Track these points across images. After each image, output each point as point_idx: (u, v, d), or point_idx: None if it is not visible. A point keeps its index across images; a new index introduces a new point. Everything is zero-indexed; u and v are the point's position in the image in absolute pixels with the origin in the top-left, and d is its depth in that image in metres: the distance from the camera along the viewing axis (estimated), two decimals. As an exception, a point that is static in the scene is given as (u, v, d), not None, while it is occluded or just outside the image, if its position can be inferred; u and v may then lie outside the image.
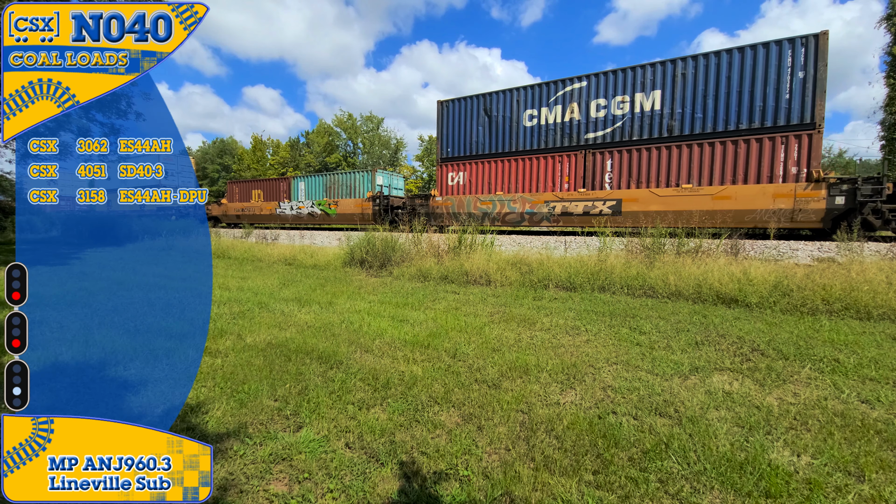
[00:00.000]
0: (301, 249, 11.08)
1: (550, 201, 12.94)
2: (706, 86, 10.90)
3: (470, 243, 8.33)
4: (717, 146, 10.69)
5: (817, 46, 9.71)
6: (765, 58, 10.23)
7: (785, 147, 9.96)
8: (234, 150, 54.24)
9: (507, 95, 13.98)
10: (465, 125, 14.90)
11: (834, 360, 3.28)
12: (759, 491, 1.82)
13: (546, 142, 13.32)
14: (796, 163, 9.86)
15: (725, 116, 10.69)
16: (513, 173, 13.82)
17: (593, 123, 12.49)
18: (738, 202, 10.33)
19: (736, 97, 10.55)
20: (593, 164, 12.38)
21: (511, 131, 13.93)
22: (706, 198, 10.69)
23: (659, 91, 11.52)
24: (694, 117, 11.07)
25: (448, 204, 15.09)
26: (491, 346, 3.72)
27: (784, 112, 10.01)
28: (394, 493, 1.85)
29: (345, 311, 5.01)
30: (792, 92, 9.93)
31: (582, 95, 12.68)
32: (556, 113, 13.11)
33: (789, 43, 9.97)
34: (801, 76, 9.88)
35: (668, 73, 11.38)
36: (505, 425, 2.37)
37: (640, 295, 5.83)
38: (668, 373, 3.10)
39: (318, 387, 2.84)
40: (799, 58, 9.91)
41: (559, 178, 12.99)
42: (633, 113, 11.88)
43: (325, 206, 19.96)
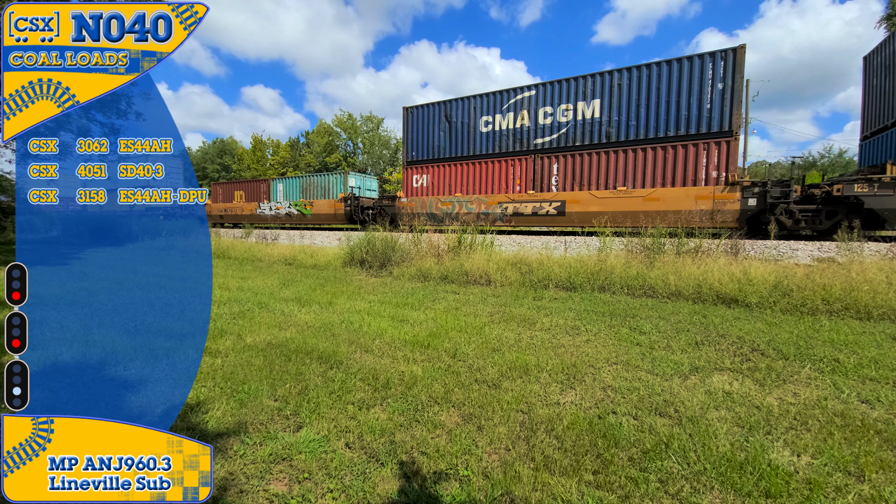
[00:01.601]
0: (301, 249, 11.08)
1: (503, 202, 13.87)
2: (639, 95, 11.82)
3: (470, 243, 8.33)
4: (648, 151, 11.62)
5: (735, 60, 10.53)
6: (689, 70, 11.12)
7: (707, 153, 10.89)
8: (234, 150, 54.25)
9: (466, 102, 14.91)
10: (429, 130, 15.78)
11: (834, 360, 3.28)
12: (759, 491, 1.82)
13: (500, 146, 14.22)
14: (716, 167, 10.79)
15: (656, 124, 11.60)
16: (470, 176, 14.77)
17: (541, 130, 13.43)
18: (666, 203, 11.20)
19: (665, 106, 11.46)
20: (541, 168, 13.37)
21: (469, 136, 14.84)
22: (638, 199, 11.63)
23: (598, 100, 12.45)
24: (629, 124, 11.99)
25: (412, 205, 15.99)
26: (491, 346, 3.72)
27: (706, 120, 10.93)
28: (394, 493, 1.85)
29: (345, 311, 5.01)
30: (712, 102, 10.83)
31: (531, 103, 13.60)
32: (508, 120, 14.02)
33: (710, 57, 10.81)
34: (720, 87, 10.74)
35: (606, 83, 12.31)
36: (505, 425, 2.37)
37: (640, 295, 5.83)
38: (668, 373, 3.10)
39: (318, 387, 2.84)
40: (718, 70, 10.74)
41: (512, 180, 13.96)
42: (575, 120, 12.84)
43: (301, 206, 20.84)
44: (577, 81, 12.75)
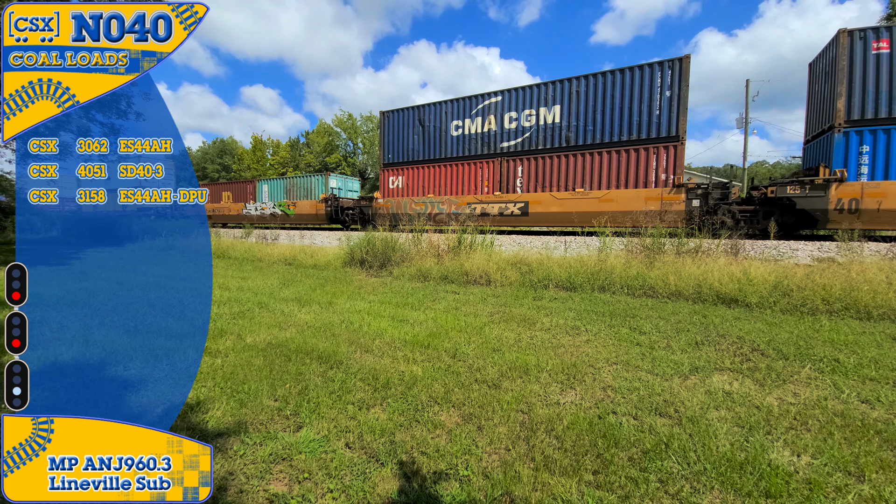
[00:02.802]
0: (301, 249, 11.08)
1: (472, 203, 14.61)
2: (595, 102, 12.54)
3: (470, 243, 8.33)
4: (604, 155, 12.36)
5: (681, 69, 11.23)
6: (640, 78, 11.78)
7: (656, 156, 11.59)
8: (234, 150, 54.22)
9: (438, 107, 15.61)
10: (404, 134, 16.47)
11: (834, 360, 3.28)
12: (759, 491, 1.82)
13: (469, 150, 14.94)
14: (665, 170, 11.48)
15: (610, 129, 12.30)
16: (442, 178, 15.46)
17: (507, 134, 14.15)
18: (619, 204, 11.89)
19: (618, 112, 12.15)
20: (507, 170, 14.10)
21: (440, 140, 15.54)
22: (594, 200, 12.34)
23: (559, 106, 13.15)
24: (586, 129, 12.70)
25: (388, 205, 16.72)
26: (491, 346, 3.72)
27: (655, 126, 11.64)
28: (394, 492, 1.85)
29: (345, 311, 5.01)
30: (661, 109, 11.54)
31: (498, 109, 14.31)
32: (476, 124, 14.76)
33: (659, 66, 11.49)
34: (668, 95, 11.44)
35: (566, 90, 13.02)
36: (505, 425, 2.37)
37: (640, 295, 5.83)
38: (668, 373, 3.10)
39: (318, 387, 2.84)
40: (667, 79, 11.42)
41: (480, 182, 14.70)
42: (538, 125, 13.52)
43: (284, 206, 21.57)
44: (540, 88, 13.45)
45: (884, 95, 9.53)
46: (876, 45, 9.58)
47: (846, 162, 9.76)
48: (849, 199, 9.54)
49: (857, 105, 9.75)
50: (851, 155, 9.72)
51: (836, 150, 9.83)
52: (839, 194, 9.62)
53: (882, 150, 9.50)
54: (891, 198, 9.16)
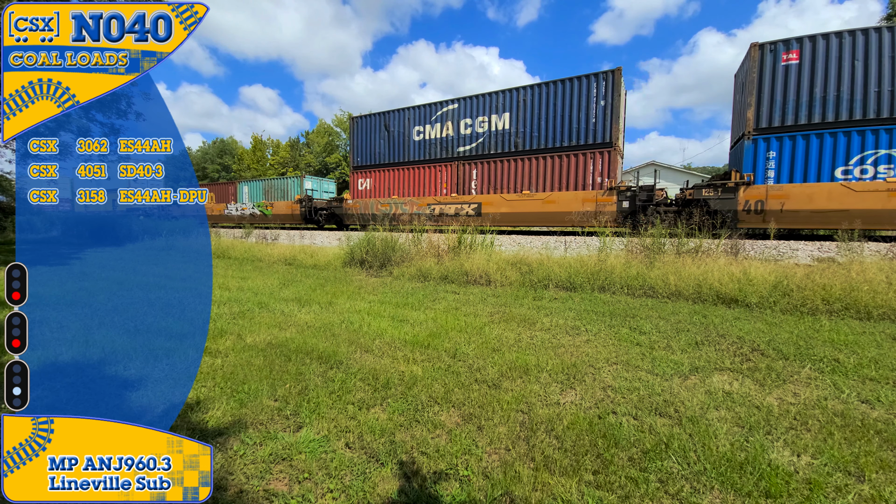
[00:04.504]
0: (301, 249, 11.08)
1: (431, 204, 15.58)
2: (540, 110, 13.52)
3: (470, 243, 8.33)
4: (548, 159, 13.35)
5: (613, 81, 12.20)
6: (579, 89, 12.80)
7: (593, 161, 12.59)
8: (234, 150, 54.18)
9: (402, 114, 16.52)
10: (371, 138, 17.42)
11: (834, 360, 3.28)
12: (759, 491, 1.82)
13: (430, 154, 15.86)
14: (601, 174, 12.48)
15: (553, 135, 13.30)
16: (405, 180, 16.38)
17: (463, 139, 15.12)
18: (560, 205, 12.95)
19: (560, 120, 13.17)
20: (463, 173, 15.08)
21: (404, 144, 16.46)
22: (539, 202, 13.33)
23: (508, 114, 14.12)
24: (532, 136, 13.68)
25: (357, 206, 17.67)
26: (491, 346, 3.72)
27: (592, 133, 12.65)
28: (394, 492, 1.85)
29: (345, 311, 5.01)
30: (597, 117, 12.53)
31: (455, 115, 15.28)
32: (436, 129, 15.71)
33: (594, 77, 12.49)
34: (602, 105, 12.41)
35: (514, 98, 13.99)
36: (505, 425, 2.37)
37: (640, 295, 5.83)
38: (668, 373, 3.10)
39: (318, 387, 2.84)
40: (601, 89, 12.40)
41: (439, 184, 15.60)
42: (490, 131, 14.53)
43: (262, 207, 22.56)
44: (492, 96, 14.45)
45: (791, 104, 10.25)
46: (786, 57, 10.26)
47: (755, 167, 10.56)
48: (755, 201, 10.42)
49: (765, 114, 10.48)
50: (759, 160, 10.51)
51: (745, 156, 10.66)
52: (747, 196, 10.51)
53: (787, 155, 10.25)
54: (792, 199, 10.02)
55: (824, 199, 9.75)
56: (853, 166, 9.69)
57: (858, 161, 9.67)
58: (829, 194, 9.72)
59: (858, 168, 9.64)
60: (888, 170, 9.42)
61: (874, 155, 9.55)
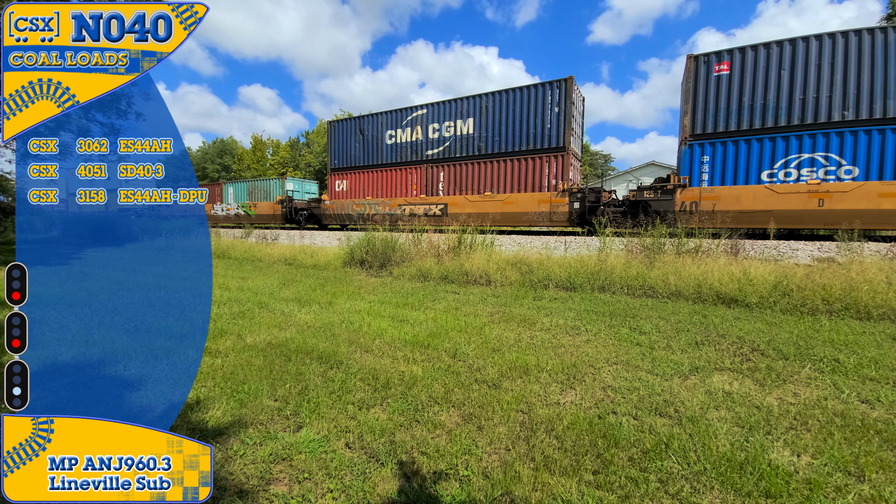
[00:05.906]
0: (301, 249, 11.08)
1: (402, 205, 16.40)
2: (500, 115, 14.35)
3: (470, 243, 8.33)
4: (508, 163, 14.17)
5: (566, 88, 13.04)
6: (535, 96, 13.62)
7: (548, 165, 13.42)
8: (233, 150, 54.16)
9: (375, 118, 17.41)
10: (347, 142, 18.26)
11: (834, 360, 3.28)
12: (759, 491, 1.82)
13: (401, 157, 16.69)
14: (555, 177, 13.32)
15: (512, 140, 14.12)
16: (379, 182, 17.24)
17: (431, 143, 15.93)
18: (519, 206, 13.80)
19: (518, 125, 13.97)
20: (432, 176, 15.87)
21: (377, 148, 17.31)
22: (499, 202, 14.17)
23: (472, 119, 14.96)
24: (494, 140, 14.54)
25: (334, 207, 18.52)
26: (491, 346, 3.72)
27: (547, 138, 13.46)
28: (394, 492, 1.85)
29: (345, 311, 5.01)
30: (551, 123, 13.36)
31: (424, 120, 16.06)
32: (407, 133, 16.52)
33: (549, 85, 13.33)
34: (556, 111, 13.24)
35: (477, 104, 14.85)
36: (505, 425, 2.37)
37: (640, 295, 5.83)
38: (668, 373, 3.10)
39: (318, 387, 2.84)
40: (555, 96, 13.24)
41: (410, 186, 16.41)
42: (456, 135, 15.34)
43: (247, 207, 23.30)
44: (457, 102, 15.30)
45: (722, 112, 11.02)
46: (717, 68, 11.03)
47: (691, 170, 11.39)
48: (690, 202, 11.30)
49: (699, 121, 11.30)
50: (695, 164, 11.34)
51: (683, 160, 11.55)
52: (683, 198, 11.40)
53: (719, 159, 11.04)
54: (723, 200, 10.84)
55: (750, 200, 10.51)
56: (777, 170, 10.38)
57: (783, 165, 10.31)
58: (755, 196, 10.47)
59: (783, 171, 10.33)
60: (811, 172, 10.07)
61: (797, 158, 10.19)
